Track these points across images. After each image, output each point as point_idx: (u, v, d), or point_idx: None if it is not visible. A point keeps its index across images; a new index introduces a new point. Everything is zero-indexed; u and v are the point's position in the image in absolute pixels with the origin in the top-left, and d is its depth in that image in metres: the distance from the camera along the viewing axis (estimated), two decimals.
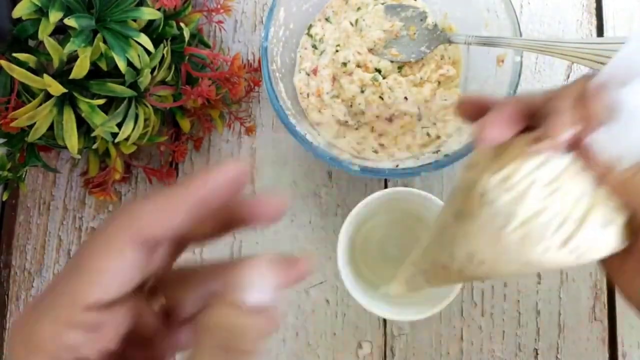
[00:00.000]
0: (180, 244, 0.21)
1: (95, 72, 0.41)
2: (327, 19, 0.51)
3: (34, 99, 0.39)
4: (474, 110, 0.28)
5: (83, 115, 0.40)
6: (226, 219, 0.21)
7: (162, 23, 0.43)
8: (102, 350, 0.18)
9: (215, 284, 0.21)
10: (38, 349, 0.17)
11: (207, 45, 0.50)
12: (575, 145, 0.24)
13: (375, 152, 0.48)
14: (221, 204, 0.20)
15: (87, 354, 0.17)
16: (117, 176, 0.46)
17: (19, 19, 0.39)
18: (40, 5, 0.38)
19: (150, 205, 0.18)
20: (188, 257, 0.51)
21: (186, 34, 0.44)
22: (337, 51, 0.49)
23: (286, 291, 0.26)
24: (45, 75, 0.38)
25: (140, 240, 0.18)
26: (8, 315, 0.50)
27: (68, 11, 0.39)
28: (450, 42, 0.48)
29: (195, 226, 0.19)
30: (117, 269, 0.18)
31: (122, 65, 0.39)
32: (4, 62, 0.38)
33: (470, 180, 0.27)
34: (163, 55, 0.42)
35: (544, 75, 0.52)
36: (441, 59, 0.50)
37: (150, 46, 0.41)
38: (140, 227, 0.18)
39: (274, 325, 0.18)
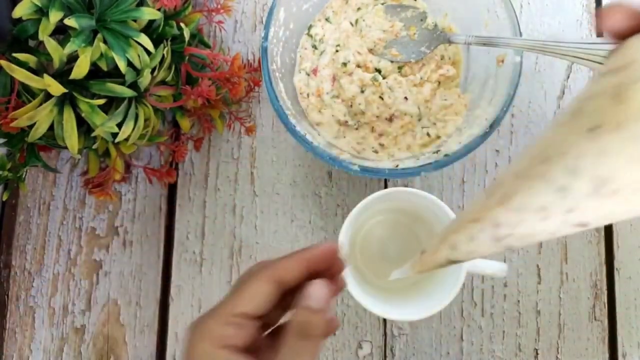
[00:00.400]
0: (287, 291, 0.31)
1: (95, 72, 0.41)
2: (327, 19, 0.51)
3: (34, 99, 0.39)
4: (629, 20, 0.24)
5: (83, 115, 0.40)
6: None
7: (162, 23, 0.43)
8: (241, 344, 0.28)
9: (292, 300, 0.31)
10: (205, 333, 0.28)
11: (207, 46, 0.50)
12: None
13: (375, 152, 0.48)
14: (320, 266, 0.30)
15: (233, 343, 0.28)
16: (117, 176, 0.46)
17: (19, 19, 0.39)
18: (40, 5, 0.38)
19: (282, 259, 0.30)
20: (190, 257, 0.51)
21: (186, 34, 0.44)
22: (337, 51, 0.49)
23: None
24: (45, 75, 0.38)
25: (274, 280, 0.29)
26: (8, 315, 0.50)
27: (68, 11, 0.39)
28: (450, 42, 0.48)
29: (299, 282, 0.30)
30: (262, 296, 0.29)
31: (122, 65, 0.39)
32: (4, 62, 0.38)
33: (620, 84, 0.22)
34: (163, 55, 0.43)
35: (544, 75, 0.52)
36: (441, 59, 0.50)
37: (150, 46, 0.41)
38: (275, 271, 0.29)
39: (326, 320, 0.29)
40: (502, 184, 0.25)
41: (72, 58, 0.39)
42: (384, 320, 0.49)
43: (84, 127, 0.43)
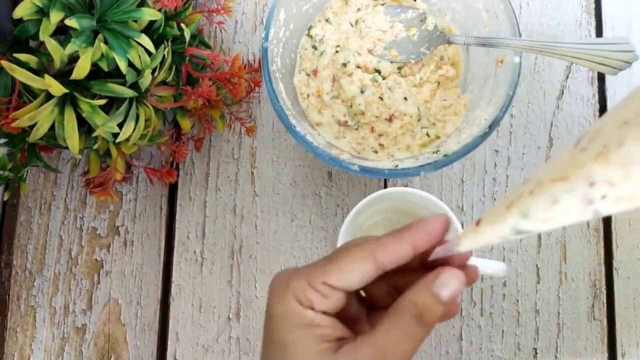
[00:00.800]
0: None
1: (96, 73, 0.41)
2: (327, 20, 0.51)
3: (35, 99, 0.40)
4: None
5: (84, 115, 0.40)
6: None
7: (162, 24, 0.43)
8: (325, 311, 0.27)
9: (401, 282, 0.29)
10: (289, 291, 0.27)
11: (207, 46, 0.50)
12: None
13: (375, 152, 0.48)
14: (429, 245, 0.27)
15: (317, 308, 0.26)
16: (118, 176, 0.46)
17: (20, 20, 0.39)
18: (41, 5, 0.38)
19: (385, 237, 0.27)
20: (190, 256, 0.51)
21: (187, 35, 0.45)
22: (337, 52, 0.49)
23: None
24: (46, 75, 0.38)
25: (373, 259, 0.26)
26: (9, 315, 0.50)
27: (69, 12, 0.39)
28: (449, 42, 0.48)
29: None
30: (354, 272, 0.26)
31: (123, 65, 0.40)
32: (5, 63, 0.38)
33: None
34: (164, 55, 0.43)
35: (543, 76, 0.53)
36: (441, 59, 0.50)
37: (151, 47, 0.41)
38: (377, 253, 0.27)
39: (448, 316, 0.27)
40: (601, 134, 0.21)
41: (73, 58, 0.39)
42: None
43: (85, 128, 0.43)
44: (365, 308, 0.30)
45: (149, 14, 0.41)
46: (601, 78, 0.53)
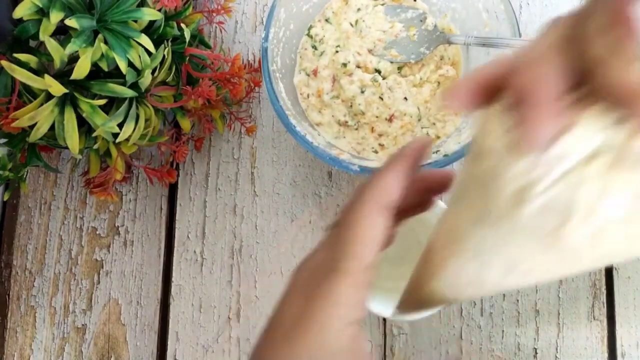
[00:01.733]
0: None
1: (96, 73, 0.41)
2: (327, 20, 0.51)
3: (35, 99, 0.40)
4: (473, 99, 0.22)
5: (84, 115, 0.40)
6: (420, 191, 0.28)
7: (162, 24, 0.43)
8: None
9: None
10: (341, 302, 0.23)
11: (207, 46, 0.50)
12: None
13: (375, 152, 0.48)
14: (415, 169, 0.25)
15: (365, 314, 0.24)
16: (118, 176, 0.46)
17: (20, 20, 0.39)
18: (41, 5, 0.38)
19: (382, 178, 0.24)
20: (190, 256, 0.51)
21: (187, 35, 0.45)
22: (337, 52, 0.49)
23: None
24: (46, 75, 0.38)
25: (385, 207, 0.24)
26: (9, 315, 0.50)
27: (69, 12, 0.39)
28: (449, 42, 0.48)
29: (403, 197, 0.25)
30: (374, 236, 0.24)
31: (123, 65, 0.40)
32: (5, 63, 0.38)
33: (488, 175, 0.20)
34: (164, 55, 0.43)
35: None
36: (441, 59, 0.50)
37: (151, 47, 0.41)
38: (382, 196, 0.24)
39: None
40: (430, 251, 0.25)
41: (73, 58, 0.39)
42: (384, 319, 0.49)
43: (85, 127, 0.43)
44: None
45: (149, 14, 0.41)
46: None
